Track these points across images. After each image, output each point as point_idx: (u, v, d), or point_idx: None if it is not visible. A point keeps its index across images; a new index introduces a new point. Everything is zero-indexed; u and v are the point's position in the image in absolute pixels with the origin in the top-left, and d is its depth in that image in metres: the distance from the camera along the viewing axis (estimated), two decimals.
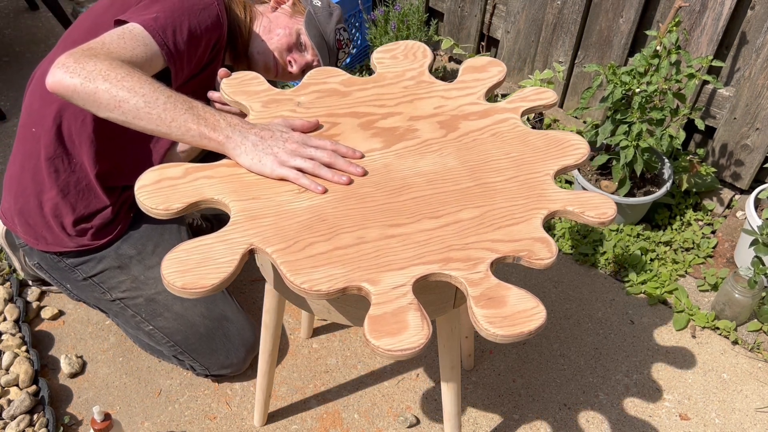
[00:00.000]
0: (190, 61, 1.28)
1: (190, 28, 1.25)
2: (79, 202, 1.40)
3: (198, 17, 1.27)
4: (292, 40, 1.47)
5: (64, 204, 1.39)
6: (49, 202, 1.39)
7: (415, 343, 0.83)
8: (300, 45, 1.49)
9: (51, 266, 1.49)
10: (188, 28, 1.24)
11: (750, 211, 1.81)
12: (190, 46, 1.26)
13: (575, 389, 1.62)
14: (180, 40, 1.23)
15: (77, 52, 1.11)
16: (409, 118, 1.16)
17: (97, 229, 1.43)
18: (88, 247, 1.44)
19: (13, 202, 1.44)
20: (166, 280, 0.88)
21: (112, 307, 1.50)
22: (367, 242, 0.94)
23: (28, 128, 1.38)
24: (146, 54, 1.18)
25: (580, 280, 1.88)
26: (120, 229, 1.46)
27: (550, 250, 0.94)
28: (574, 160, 1.09)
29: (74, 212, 1.40)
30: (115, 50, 1.14)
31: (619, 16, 2.06)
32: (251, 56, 1.46)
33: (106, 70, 1.08)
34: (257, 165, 1.03)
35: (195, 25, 1.26)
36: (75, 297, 1.56)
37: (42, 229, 1.42)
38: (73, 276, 1.48)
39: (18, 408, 1.46)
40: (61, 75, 1.09)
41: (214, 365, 1.53)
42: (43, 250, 1.45)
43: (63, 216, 1.40)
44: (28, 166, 1.39)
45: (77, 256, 1.45)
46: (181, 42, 1.23)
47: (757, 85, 1.88)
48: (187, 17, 1.25)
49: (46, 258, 1.47)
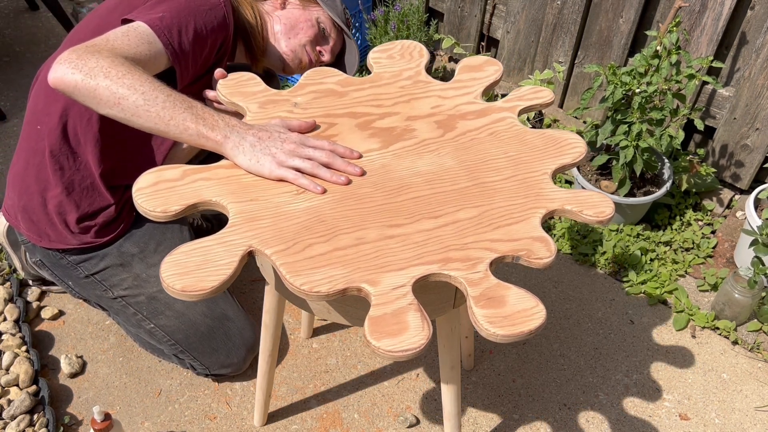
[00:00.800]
0: (196, 62, 1.28)
1: (195, 28, 1.25)
2: (83, 200, 1.41)
3: (204, 18, 1.27)
4: (317, 30, 1.48)
5: (68, 201, 1.40)
6: (54, 199, 1.40)
7: (415, 343, 0.83)
8: (323, 32, 1.51)
9: (53, 263, 1.49)
10: (194, 28, 1.25)
11: (750, 211, 1.81)
12: (196, 46, 1.26)
13: (575, 389, 1.62)
14: (185, 40, 1.23)
15: (80, 48, 1.11)
16: (406, 118, 1.16)
17: (101, 227, 1.44)
18: (90, 244, 1.44)
19: (17, 199, 1.45)
20: (166, 283, 0.88)
21: (114, 305, 1.51)
22: (367, 243, 0.94)
23: (33, 126, 1.38)
24: (150, 52, 1.18)
25: (580, 280, 1.88)
26: (123, 227, 1.47)
27: (549, 250, 0.94)
28: (571, 158, 1.09)
29: (78, 210, 1.41)
30: (119, 47, 1.14)
31: (619, 16, 2.06)
32: (272, 56, 1.47)
33: (107, 66, 1.08)
34: (255, 165, 1.03)
35: (201, 26, 1.26)
36: (77, 294, 1.56)
37: (45, 226, 1.43)
38: (75, 273, 1.48)
39: (18, 408, 1.46)
40: (63, 71, 1.09)
41: (215, 364, 1.53)
42: (45, 247, 1.45)
43: (67, 213, 1.41)
44: (33, 162, 1.40)
45: (80, 253, 1.46)
46: (187, 42, 1.23)
47: (756, 85, 1.88)
48: (193, 17, 1.25)
49: (49, 255, 1.47)
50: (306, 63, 1.50)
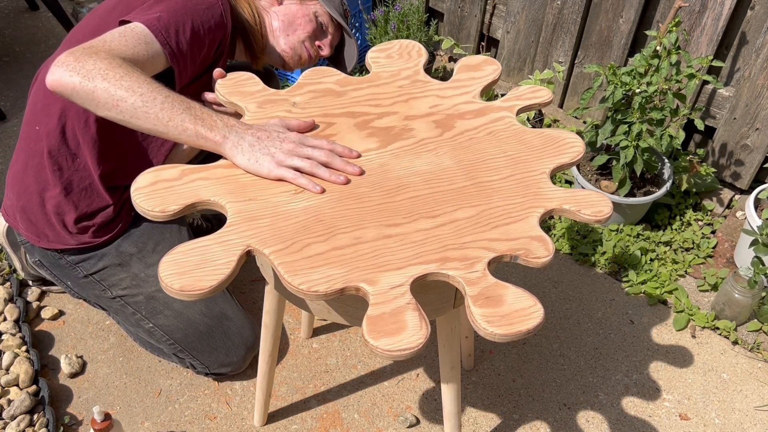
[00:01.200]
0: (194, 61, 1.28)
1: (193, 27, 1.25)
2: (81, 201, 1.41)
3: (201, 17, 1.27)
4: (315, 25, 1.49)
5: (66, 202, 1.40)
6: (52, 199, 1.40)
7: (413, 342, 0.83)
8: (321, 27, 1.51)
9: (52, 263, 1.49)
10: (191, 27, 1.24)
11: (750, 211, 1.80)
12: (193, 45, 1.26)
13: (575, 389, 1.62)
14: (183, 40, 1.23)
15: (78, 50, 1.11)
16: (404, 118, 1.16)
17: (99, 227, 1.44)
18: (89, 244, 1.45)
19: (15, 200, 1.45)
20: (164, 283, 0.88)
21: (113, 304, 1.51)
22: (365, 242, 0.94)
23: (32, 126, 1.39)
24: (148, 53, 1.18)
25: (580, 280, 1.88)
26: (121, 227, 1.47)
27: (547, 249, 0.94)
28: (570, 158, 1.09)
29: (76, 210, 1.41)
30: (116, 48, 1.14)
31: (619, 16, 2.06)
32: (272, 53, 1.47)
33: (105, 69, 1.08)
34: (254, 165, 1.03)
35: (198, 25, 1.26)
36: (76, 294, 1.56)
37: (44, 226, 1.43)
38: (74, 273, 1.49)
39: (18, 408, 1.46)
40: (61, 73, 1.09)
41: (214, 363, 1.53)
42: (44, 248, 1.46)
43: (65, 214, 1.41)
44: (32, 163, 1.40)
45: (78, 253, 1.46)
46: (184, 41, 1.23)
47: (756, 85, 1.88)
48: (191, 17, 1.25)
49: (48, 255, 1.48)
50: (306, 59, 1.51)
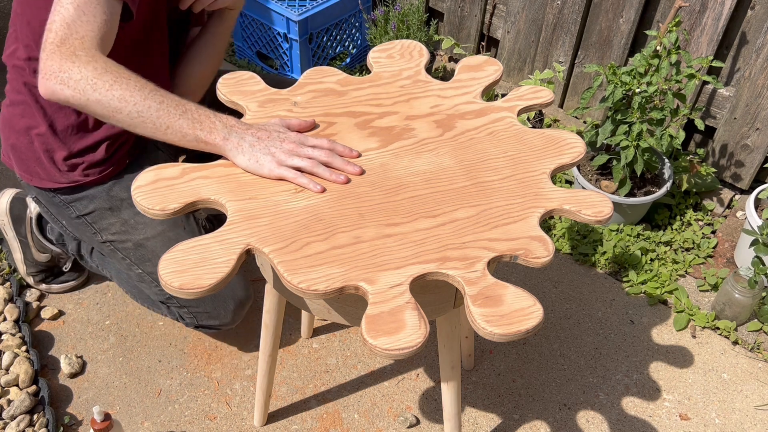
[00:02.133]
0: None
1: None
2: (68, 138, 1.39)
3: None
4: None
5: (54, 140, 1.39)
6: (39, 137, 1.39)
7: (412, 342, 0.83)
8: None
9: (48, 201, 1.49)
10: None
11: (750, 211, 1.80)
12: None
13: (575, 389, 1.62)
14: None
15: (56, 54, 1.10)
16: (405, 118, 1.17)
17: (89, 165, 1.42)
18: (79, 183, 1.43)
19: (5, 138, 1.45)
20: (164, 280, 0.88)
21: (103, 248, 1.51)
22: (364, 242, 0.94)
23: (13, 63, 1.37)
24: (107, 14, 1.14)
25: (580, 280, 1.88)
26: (113, 169, 1.45)
27: (547, 249, 0.94)
28: (570, 158, 1.09)
29: (65, 148, 1.40)
30: (86, 34, 1.12)
31: (619, 16, 2.06)
32: None
33: (92, 77, 1.08)
34: (255, 165, 1.03)
35: None
36: (71, 235, 1.57)
37: (34, 164, 1.42)
38: (68, 213, 1.48)
39: (18, 408, 1.46)
40: (52, 87, 1.09)
41: (202, 315, 1.51)
42: (37, 186, 1.45)
43: (54, 151, 1.40)
44: (17, 100, 1.39)
45: (70, 192, 1.45)
46: None
47: (757, 85, 1.88)
48: None
49: (42, 193, 1.48)
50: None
